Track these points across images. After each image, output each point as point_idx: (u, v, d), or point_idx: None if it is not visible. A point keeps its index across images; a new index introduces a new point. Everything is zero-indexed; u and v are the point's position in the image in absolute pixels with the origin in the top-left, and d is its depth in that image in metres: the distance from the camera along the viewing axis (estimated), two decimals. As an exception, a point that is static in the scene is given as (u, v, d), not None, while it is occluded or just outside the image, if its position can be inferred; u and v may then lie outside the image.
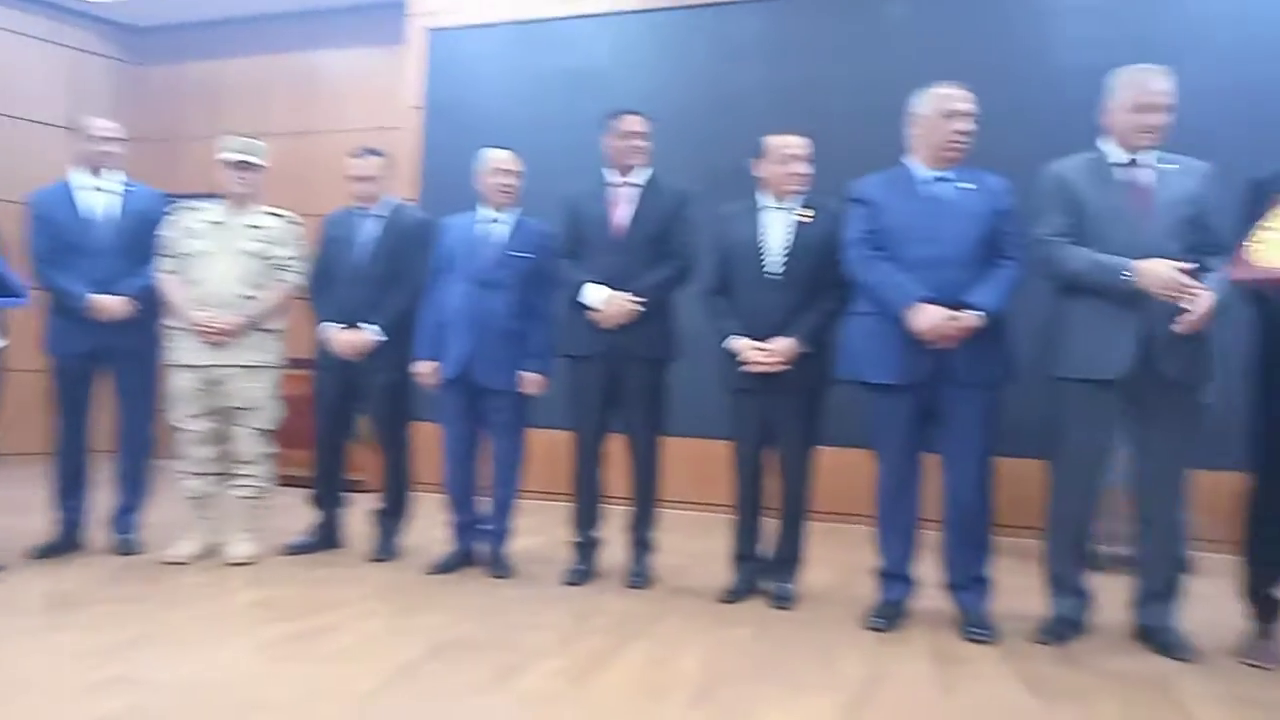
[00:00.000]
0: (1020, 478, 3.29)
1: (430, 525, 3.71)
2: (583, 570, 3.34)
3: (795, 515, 3.14)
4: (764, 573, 3.19)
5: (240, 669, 2.34)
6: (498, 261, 3.38)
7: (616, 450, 3.37)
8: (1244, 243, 2.46)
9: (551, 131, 4.82)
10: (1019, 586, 3.13)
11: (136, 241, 3.50)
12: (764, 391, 3.04)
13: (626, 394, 3.29)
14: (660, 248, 3.25)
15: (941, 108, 2.79)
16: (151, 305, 3.50)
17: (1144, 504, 2.74)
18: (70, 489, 3.55)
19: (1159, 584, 2.73)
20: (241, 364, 3.45)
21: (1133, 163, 2.69)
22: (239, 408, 3.47)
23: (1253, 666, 2.58)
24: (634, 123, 3.29)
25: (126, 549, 3.53)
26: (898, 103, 2.91)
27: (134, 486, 3.63)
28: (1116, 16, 4.33)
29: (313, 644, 2.55)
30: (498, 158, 3.44)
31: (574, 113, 4.31)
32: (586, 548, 3.39)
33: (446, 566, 3.43)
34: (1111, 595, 2.88)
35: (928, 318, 2.69)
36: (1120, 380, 2.63)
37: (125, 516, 3.62)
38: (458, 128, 5.16)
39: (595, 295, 3.20)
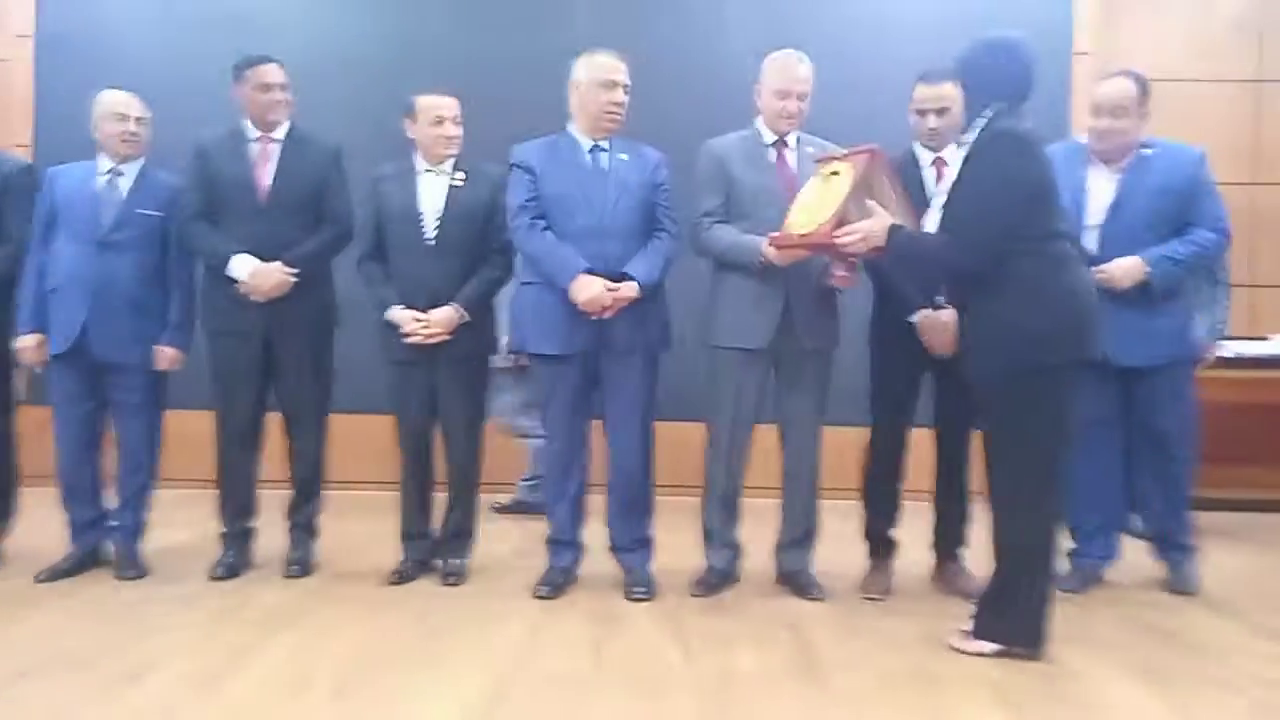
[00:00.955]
0: (682, 441, 3.46)
1: (44, 524, 3.19)
2: (232, 563, 3.03)
3: (465, 489, 3.06)
4: (436, 550, 3.09)
5: None
6: (120, 220, 2.96)
7: (276, 430, 3.10)
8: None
9: (190, 72, 4.27)
10: (680, 544, 3.28)
11: None
12: (426, 363, 2.93)
13: (285, 370, 3.02)
14: (312, 210, 3.00)
15: (597, 77, 2.79)
16: None
17: (786, 459, 2.96)
18: None
19: (797, 531, 2.98)
20: None
21: (779, 143, 2.87)
22: None
23: (871, 599, 2.90)
24: (272, 72, 2.98)
25: None
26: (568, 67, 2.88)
27: None
28: (784, 10, 4.62)
29: None
30: (116, 101, 2.99)
31: (217, 53, 3.79)
32: (237, 539, 3.09)
33: (62, 571, 2.96)
34: (762, 544, 3.09)
35: (588, 289, 2.70)
36: (766, 349, 2.82)
37: None
38: (79, 63, 4.42)
39: (242, 267, 2.90)
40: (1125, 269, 2.83)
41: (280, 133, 3.01)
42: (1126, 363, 2.87)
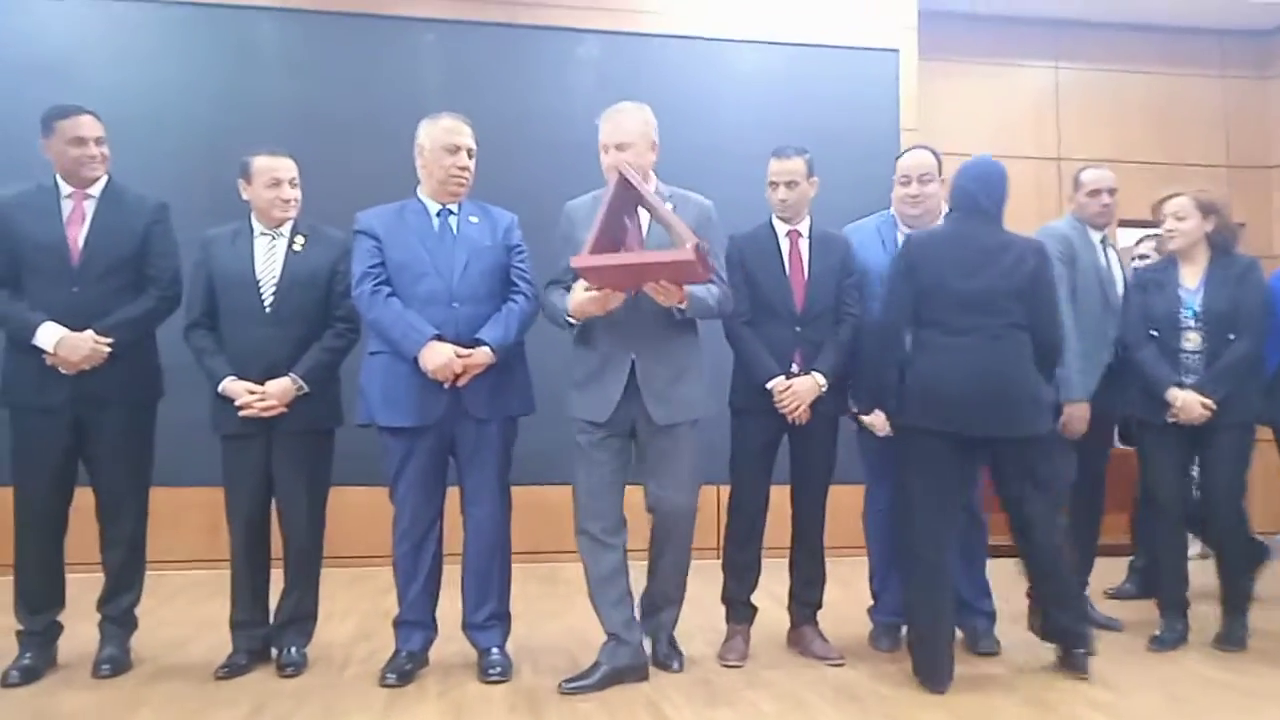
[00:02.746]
0: (546, 505, 3.39)
1: None
2: (30, 665, 2.69)
3: (304, 570, 2.85)
4: (272, 637, 2.85)
5: None
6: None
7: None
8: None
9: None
10: (539, 611, 3.17)
11: None
12: (261, 436, 2.74)
13: (98, 449, 2.75)
14: (130, 273, 2.76)
15: (440, 141, 2.72)
16: None
17: (654, 529, 2.81)
18: None
19: (660, 601, 2.89)
20: None
21: None
22: None
23: (729, 666, 2.87)
24: (86, 125, 2.74)
25: None
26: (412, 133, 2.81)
27: None
28: (620, 69, 4.70)
29: None
30: None
31: (30, 103, 3.43)
32: (37, 636, 2.75)
33: None
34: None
35: (437, 356, 2.61)
36: (609, 422, 2.69)
37: None
38: None
39: (48, 336, 2.63)
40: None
41: (96, 189, 2.77)
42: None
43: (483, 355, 2.67)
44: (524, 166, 4.31)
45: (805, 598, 3.04)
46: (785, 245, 2.99)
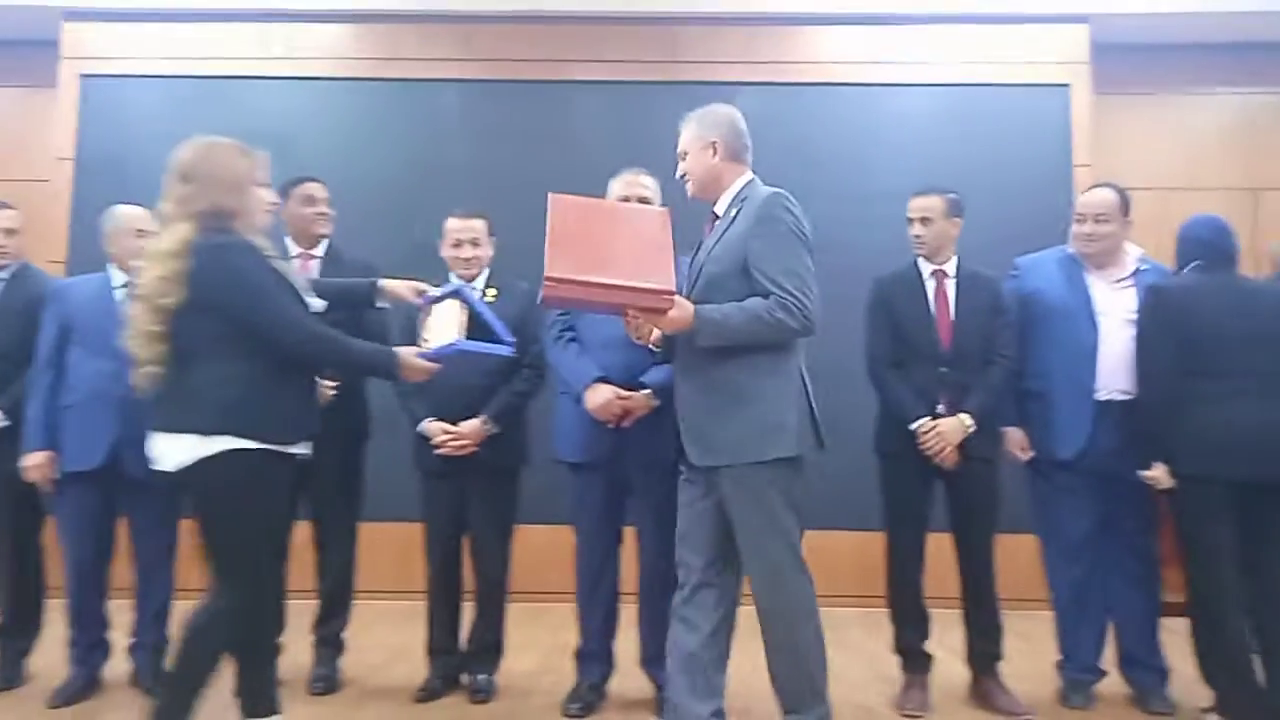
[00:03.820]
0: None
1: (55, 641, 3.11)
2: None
3: (493, 601, 3.02)
4: (463, 665, 3.03)
5: None
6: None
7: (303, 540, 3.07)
8: None
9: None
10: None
11: None
12: (455, 474, 2.93)
13: (316, 482, 3.00)
14: (348, 329, 3.02)
15: (618, 194, 2.85)
16: None
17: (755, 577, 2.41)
18: None
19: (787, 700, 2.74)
20: None
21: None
22: None
23: (909, 716, 2.82)
24: (315, 190, 3.13)
25: None
26: (593, 189, 2.97)
27: None
28: (779, 120, 4.78)
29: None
30: (133, 216, 2.96)
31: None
32: (263, 655, 3.03)
33: (76, 695, 2.88)
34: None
35: (598, 397, 2.73)
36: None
37: None
38: (114, 185, 4.40)
39: None
40: None
41: (319, 250, 3.12)
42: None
43: (642, 398, 2.75)
44: (689, 218, 4.44)
45: (983, 649, 2.93)
46: (930, 285, 2.96)
